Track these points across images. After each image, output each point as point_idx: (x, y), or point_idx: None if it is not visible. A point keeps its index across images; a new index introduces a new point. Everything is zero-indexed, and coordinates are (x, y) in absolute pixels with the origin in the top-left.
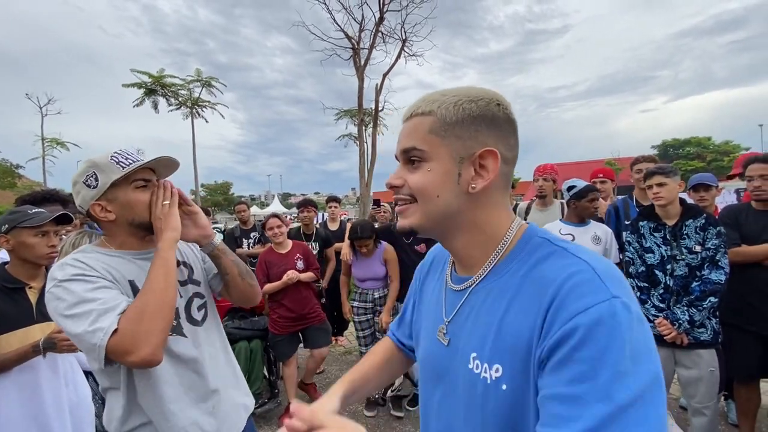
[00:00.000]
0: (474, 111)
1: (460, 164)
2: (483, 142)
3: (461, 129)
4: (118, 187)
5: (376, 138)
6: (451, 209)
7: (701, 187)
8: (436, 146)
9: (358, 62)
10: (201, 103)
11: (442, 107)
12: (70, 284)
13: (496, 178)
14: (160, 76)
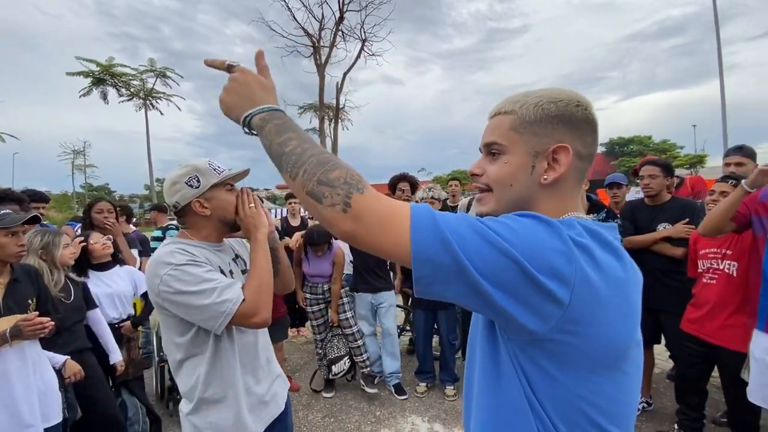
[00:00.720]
0: (552, 111)
1: (534, 158)
2: (558, 138)
3: (539, 127)
4: (215, 188)
5: (338, 134)
6: (522, 197)
7: (614, 186)
8: (514, 141)
9: (319, 60)
10: (155, 95)
11: (523, 107)
12: (187, 267)
13: (567, 172)
14: (109, 65)
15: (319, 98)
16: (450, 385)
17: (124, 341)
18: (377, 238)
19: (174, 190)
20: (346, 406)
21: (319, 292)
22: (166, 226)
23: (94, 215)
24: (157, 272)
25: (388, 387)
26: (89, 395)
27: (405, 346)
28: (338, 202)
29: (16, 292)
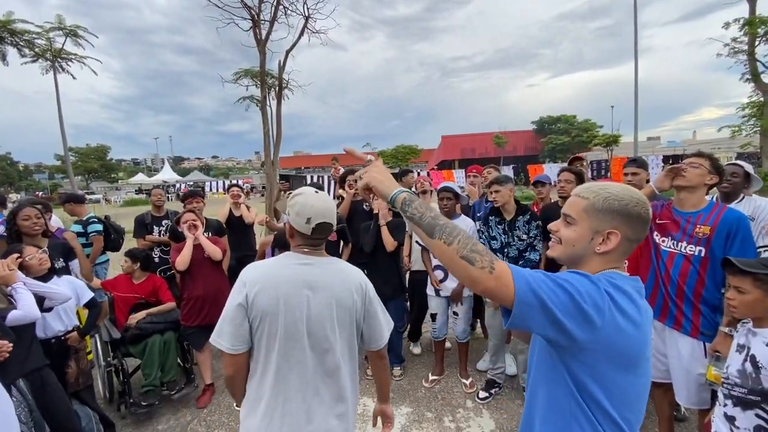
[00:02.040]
0: (616, 206)
1: (594, 233)
2: (614, 225)
3: (603, 214)
4: None
5: (281, 117)
6: (579, 255)
7: (539, 184)
8: (583, 218)
9: (259, 35)
10: (65, 56)
11: (596, 197)
12: None
13: (615, 248)
14: (7, 21)
15: (260, 76)
16: (397, 366)
17: (72, 352)
18: (501, 291)
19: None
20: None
21: None
22: (86, 219)
23: (21, 223)
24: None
25: None
26: (51, 412)
27: None
28: (486, 265)
29: None
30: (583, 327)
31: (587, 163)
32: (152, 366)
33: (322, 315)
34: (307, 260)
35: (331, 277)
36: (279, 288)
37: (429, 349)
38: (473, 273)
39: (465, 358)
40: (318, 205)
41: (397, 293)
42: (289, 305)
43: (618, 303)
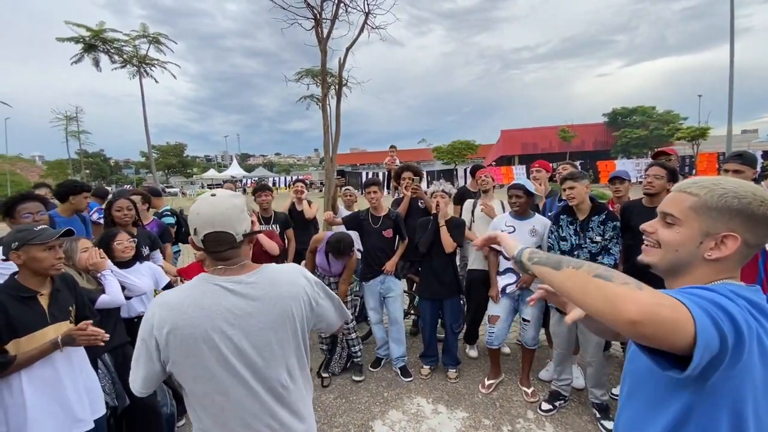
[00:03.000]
0: (735, 205)
1: (705, 236)
2: (732, 228)
3: (717, 213)
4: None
5: (340, 114)
6: (682, 261)
7: (616, 180)
8: (690, 218)
9: (321, 34)
10: (149, 62)
11: (708, 194)
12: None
13: (731, 255)
14: (100, 30)
15: (321, 75)
16: (452, 368)
17: None
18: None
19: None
20: (357, 387)
21: (324, 283)
22: (161, 212)
23: (114, 213)
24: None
25: (394, 369)
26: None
27: (409, 328)
28: (630, 281)
29: (58, 301)
30: (732, 359)
31: (677, 158)
32: None
33: (259, 341)
34: (226, 283)
35: (264, 294)
36: (196, 326)
37: (486, 352)
38: (616, 289)
39: (528, 367)
40: (205, 211)
41: (453, 293)
42: (212, 344)
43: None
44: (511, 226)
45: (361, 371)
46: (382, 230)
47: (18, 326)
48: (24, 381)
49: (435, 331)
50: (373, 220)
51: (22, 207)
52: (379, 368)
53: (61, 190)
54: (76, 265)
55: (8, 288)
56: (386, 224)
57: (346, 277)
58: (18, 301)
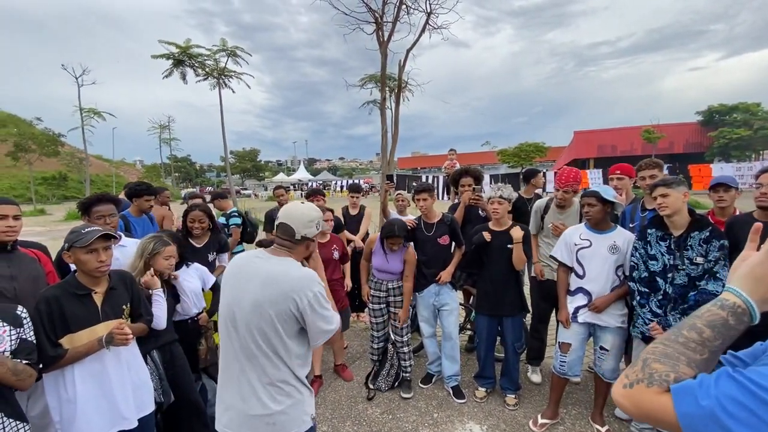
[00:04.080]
0: None
1: None
2: None
3: None
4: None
5: (398, 115)
6: None
7: (720, 188)
8: None
9: (381, 37)
10: (227, 74)
11: None
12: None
13: None
14: (187, 47)
15: (381, 78)
16: (511, 393)
17: (203, 331)
18: None
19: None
20: (404, 404)
21: (382, 289)
22: (229, 213)
23: (188, 223)
24: (310, 287)
25: (446, 388)
26: (176, 383)
27: (463, 344)
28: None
29: (112, 299)
30: None
31: None
32: None
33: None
34: (264, 256)
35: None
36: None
37: (550, 377)
38: None
39: (604, 400)
40: (289, 209)
41: (515, 311)
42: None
43: None
44: (587, 240)
45: (410, 387)
46: (437, 237)
47: (72, 322)
48: (77, 374)
49: (493, 350)
50: (426, 227)
51: (96, 209)
52: (430, 385)
53: (128, 192)
54: (150, 264)
55: (67, 284)
56: (441, 230)
57: (409, 273)
58: (74, 298)
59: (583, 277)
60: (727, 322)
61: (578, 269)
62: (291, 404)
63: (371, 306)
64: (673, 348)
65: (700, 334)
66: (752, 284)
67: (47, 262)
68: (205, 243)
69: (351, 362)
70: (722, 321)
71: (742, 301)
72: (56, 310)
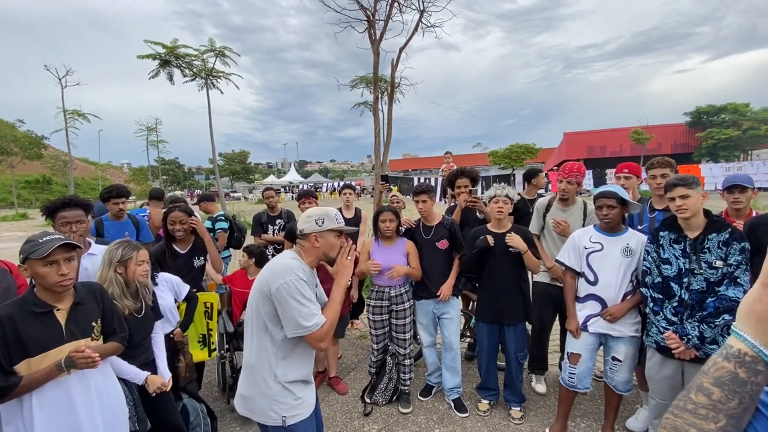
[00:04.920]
0: None
1: None
2: None
3: None
4: (330, 232)
5: (391, 116)
6: None
7: (736, 189)
8: None
9: (374, 35)
10: (215, 74)
11: None
12: (303, 285)
13: None
14: (174, 47)
15: (374, 77)
16: (516, 405)
17: (179, 347)
18: None
19: (308, 220)
20: (404, 419)
21: (384, 298)
22: (215, 217)
23: (169, 226)
24: (282, 276)
25: (447, 401)
26: (154, 406)
27: (463, 351)
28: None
29: (79, 316)
30: None
31: None
32: None
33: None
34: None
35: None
36: None
37: (556, 387)
38: None
39: (615, 413)
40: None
41: (518, 319)
42: None
43: None
44: (598, 243)
45: (409, 401)
46: (436, 241)
47: (30, 345)
48: (35, 403)
49: (495, 358)
50: (424, 230)
51: (61, 214)
52: (430, 397)
53: (101, 195)
54: (127, 274)
55: (23, 302)
56: (440, 234)
57: (414, 263)
58: (32, 317)
59: (595, 283)
60: (737, 377)
61: (589, 275)
62: (257, 393)
63: (372, 317)
64: (683, 419)
65: (709, 397)
66: (755, 325)
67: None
68: (189, 247)
69: (345, 374)
70: (731, 376)
71: (749, 347)
72: (11, 332)
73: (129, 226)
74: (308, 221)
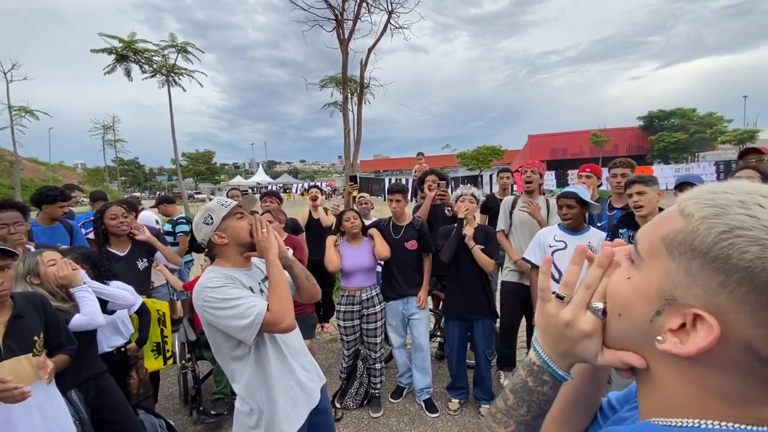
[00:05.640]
0: (745, 260)
1: (664, 303)
2: (718, 305)
3: (704, 265)
4: (226, 220)
5: (361, 116)
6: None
7: (686, 186)
8: (654, 260)
9: (342, 35)
10: (177, 71)
11: (706, 221)
12: (221, 289)
13: (709, 359)
14: (131, 41)
15: (342, 76)
16: (486, 403)
17: (132, 362)
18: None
19: (197, 230)
20: (375, 423)
21: (355, 302)
22: (176, 219)
23: (108, 222)
24: (200, 296)
25: (418, 402)
26: (111, 422)
27: (434, 350)
28: None
29: (18, 330)
30: None
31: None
32: (223, 373)
33: None
34: None
35: None
36: None
37: None
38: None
39: None
40: None
41: (484, 314)
42: None
43: None
44: (562, 242)
45: (380, 405)
46: (405, 241)
47: None
48: None
49: (464, 357)
50: (394, 230)
51: None
52: (401, 399)
53: (35, 198)
54: (44, 283)
55: None
56: (409, 234)
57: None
58: None
59: (560, 280)
60: (527, 385)
61: (553, 272)
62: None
63: (343, 323)
64: (486, 422)
65: (506, 402)
66: (541, 336)
67: None
68: (129, 249)
69: None
70: (522, 383)
71: (536, 357)
72: None
73: (60, 232)
74: (198, 228)
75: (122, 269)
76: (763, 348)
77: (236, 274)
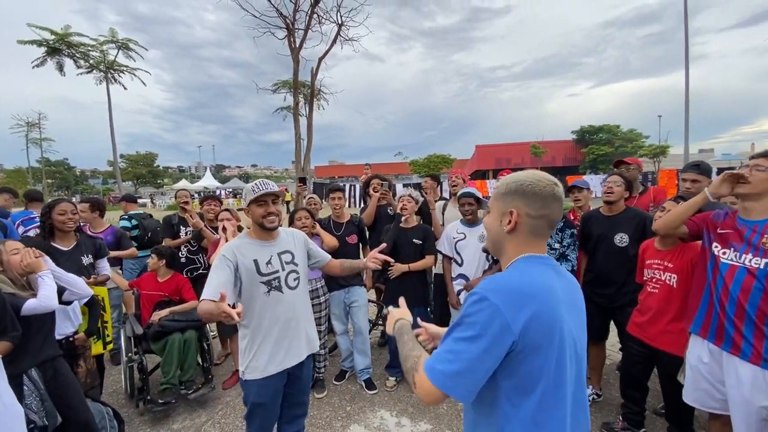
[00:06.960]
0: (513, 188)
1: (501, 215)
2: (514, 205)
3: (504, 197)
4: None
5: (312, 122)
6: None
7: (575, 189)
8: (493, 206)
9: (293, 44)
10: (117, 68)
11: (500, 184)
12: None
13: (518, 226)
14: (65, 34)
15: (293, 83)
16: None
17: (80, 352)
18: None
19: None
20: (318, 402)
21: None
22: (130, 215)
23: (56, 217)
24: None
25: (359, 382)
26: (65, 403)
27: (376, 339)
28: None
29: None
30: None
31: (637, 168)
32: (171, 364)
33: None
34: None
35: None
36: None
37: None
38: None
39: None
40: None
41: (419, 303)
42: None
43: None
44: (462, 233)
45: (324, 387)
46: (346, 236)
47: None
48: None
49: None
50: (335, 227)
51: None
52: (343, 381)
53: None
54: (7, 270)
55: None
56: (350, 230)
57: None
58: None
59: (461, 265)
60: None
61: (457, 258)
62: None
63: None
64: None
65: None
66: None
67: None
68: (75, 245)
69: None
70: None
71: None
72: None
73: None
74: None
75: (66, 263)
76: (531, 211)
77: (250, 245)
